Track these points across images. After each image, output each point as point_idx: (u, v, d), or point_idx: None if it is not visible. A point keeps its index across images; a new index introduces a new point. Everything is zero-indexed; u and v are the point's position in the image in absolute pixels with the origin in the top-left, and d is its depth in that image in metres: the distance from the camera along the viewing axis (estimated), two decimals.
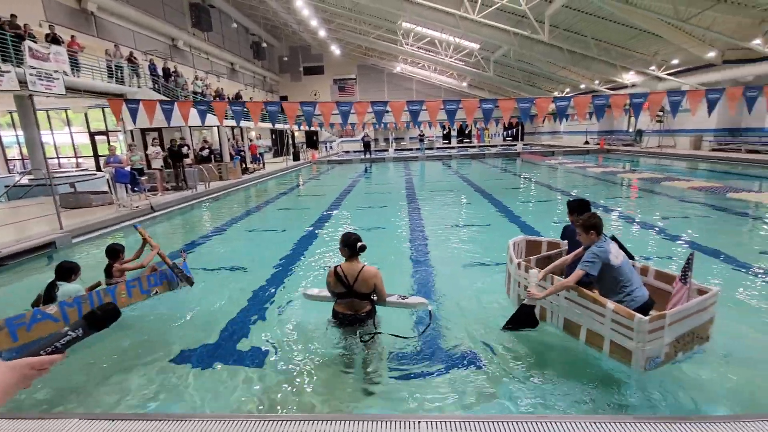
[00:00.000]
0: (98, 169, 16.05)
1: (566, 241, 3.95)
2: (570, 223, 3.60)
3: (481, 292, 4.34)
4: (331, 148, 35.65)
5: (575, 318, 3.10)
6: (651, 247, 5.97)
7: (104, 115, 19.39)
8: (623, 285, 2.90)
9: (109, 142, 19.02)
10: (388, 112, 8.21)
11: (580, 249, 3.24)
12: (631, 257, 3.37)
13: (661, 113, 22.94)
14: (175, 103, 6.29)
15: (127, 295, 3.99)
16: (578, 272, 2.90)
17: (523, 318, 3.22)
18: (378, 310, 3.32)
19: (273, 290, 4.72)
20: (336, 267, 3.18)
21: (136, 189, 9.35)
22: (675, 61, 20.10)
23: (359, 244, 3.12)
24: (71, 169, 17.83)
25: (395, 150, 31.92)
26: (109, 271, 4.20)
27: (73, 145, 21.29)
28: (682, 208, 8.44)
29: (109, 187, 8.93)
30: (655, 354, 2.69)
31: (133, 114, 6.26)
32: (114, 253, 4.21)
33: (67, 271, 3.71)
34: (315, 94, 40.07)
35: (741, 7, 13.79)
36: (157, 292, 4.22)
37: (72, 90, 13.69)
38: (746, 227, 6.94)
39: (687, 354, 2.88)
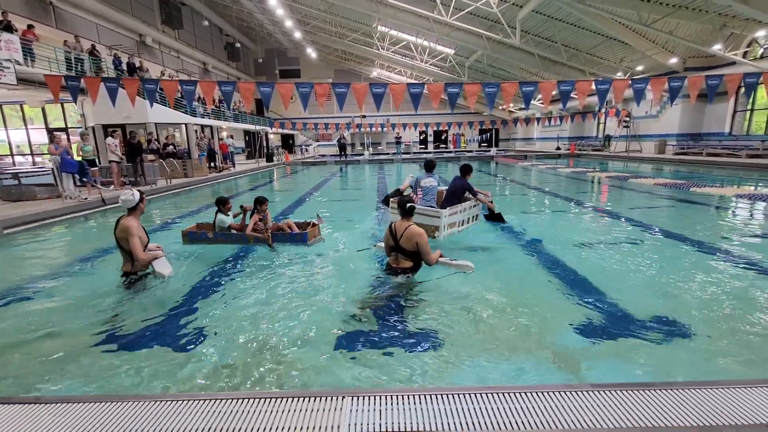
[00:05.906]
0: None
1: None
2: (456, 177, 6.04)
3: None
4: (306, 151, 35.21)
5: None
6: (621, 228, 5.92)
7: (63, 112, 18.42)
8: (423, 194, 5.62)
9: (69, 140, 18.04)
10: (353, 120, 7.95)
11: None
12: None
13: (627, 119, 23.74)
14: (121, 81, 5.84)
15: (253, 239, 5.29)
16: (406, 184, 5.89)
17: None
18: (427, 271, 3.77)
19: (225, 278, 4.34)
20: (392, 224, 3.79)
21: (84, 180, 8.71)
22: (640, 68, 20.77)
23: (408, 205, 3.72)
24: (26, 168, 16.78)
25: (371, 154, 31.74)
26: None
27: (29, 142, 20.12)
28: (647, 199, 8.57)
29: (54, 177, 8.26)
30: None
31: (74, 92, 5.78)
32: (257, 202, 5.24)
33: (219, 203, 5.31)
34: (291, 98, 39.52)
35: (700, 13, 14.34)
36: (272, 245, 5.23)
37: (25, 81, 12.88)
38: (708, 214, 7.03)
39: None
